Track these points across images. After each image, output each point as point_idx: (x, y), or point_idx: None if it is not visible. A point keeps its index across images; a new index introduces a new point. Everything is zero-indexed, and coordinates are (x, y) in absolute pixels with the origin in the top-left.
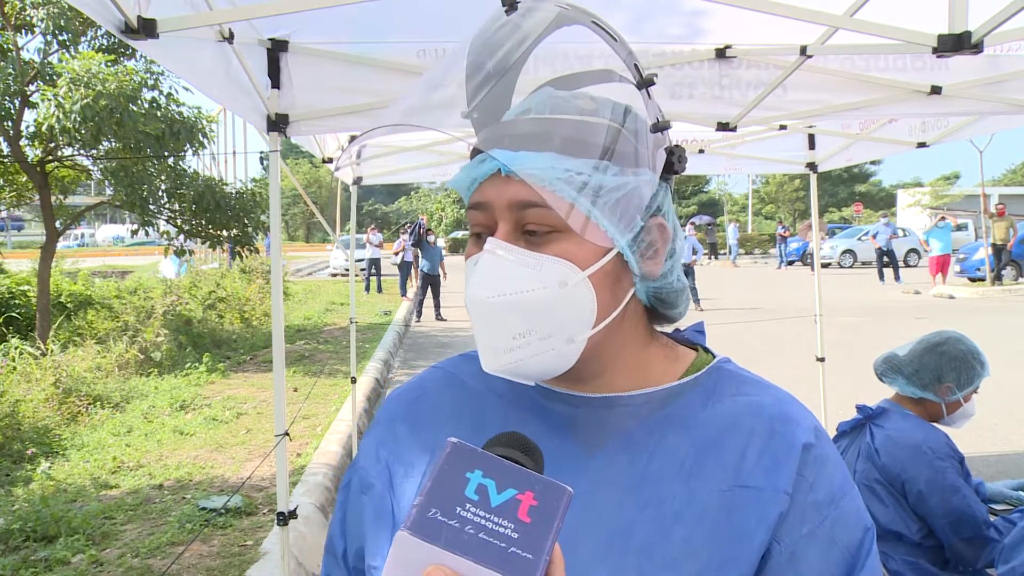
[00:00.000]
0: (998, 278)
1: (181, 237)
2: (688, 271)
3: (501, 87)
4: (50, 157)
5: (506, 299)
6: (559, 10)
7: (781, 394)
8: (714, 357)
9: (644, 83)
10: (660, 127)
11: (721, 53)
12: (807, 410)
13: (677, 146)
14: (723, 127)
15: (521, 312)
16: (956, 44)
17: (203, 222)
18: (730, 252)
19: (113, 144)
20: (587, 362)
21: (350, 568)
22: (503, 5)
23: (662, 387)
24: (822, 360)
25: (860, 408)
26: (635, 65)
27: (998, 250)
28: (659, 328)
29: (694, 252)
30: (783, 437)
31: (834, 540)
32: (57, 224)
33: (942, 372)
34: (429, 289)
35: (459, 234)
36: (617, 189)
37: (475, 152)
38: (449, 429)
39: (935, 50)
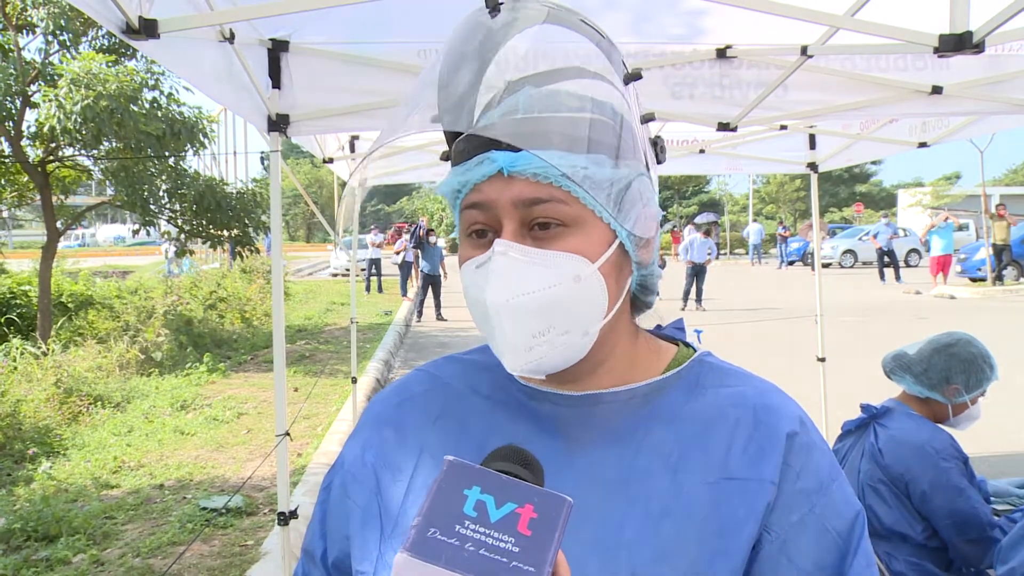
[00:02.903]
0: (999, 278)
1: (182, 237)
2: (701, 271)
3: (469, 87)
4: (51, 157)
5: (525, 299)
6: (548, 10)
7: (764, 384)
8: (695, 351)
9: (631, 78)
10: (646, 119)
11: (722, 53)
12: (790, 399)
13: (659, 137)
14: (724, 127)
15: (540, 311)
16: (958, 44)
17: (204, 222)
18: (752, 252)
19: (114, 144)
20: (592, 353)
21: (329, 570)
22: (487, 7)
23: (645, 382)
24: (823, 360)
25: (864, 407)
26: (622, 61)
27: (999, 250)
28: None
29: (708, 252)
30: (768, 427)
31: (825, 527)
32: (58, 224)
33: (951, 373)
34: (430, 289)
35: None
36: (617, 181)
37: (460, 154)
38: (436, 432)
39: (936, 50)
